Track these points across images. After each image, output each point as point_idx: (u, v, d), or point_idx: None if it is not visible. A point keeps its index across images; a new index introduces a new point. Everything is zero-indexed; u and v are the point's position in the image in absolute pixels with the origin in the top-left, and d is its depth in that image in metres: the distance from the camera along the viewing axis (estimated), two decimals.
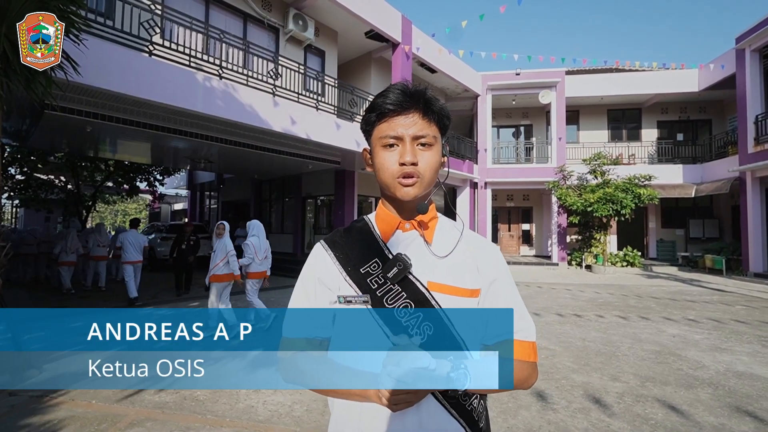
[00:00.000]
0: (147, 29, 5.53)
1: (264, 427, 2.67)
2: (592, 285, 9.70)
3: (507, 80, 14.20)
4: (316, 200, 12.44)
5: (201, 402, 3.03)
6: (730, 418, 2.81)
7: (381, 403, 0.69)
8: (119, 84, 4.98)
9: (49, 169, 12.73)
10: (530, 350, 0.81)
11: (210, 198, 18.22)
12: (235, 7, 8.13)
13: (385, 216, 0.87)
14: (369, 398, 0.71)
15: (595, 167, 12.86)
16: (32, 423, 2.64)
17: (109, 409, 2.89)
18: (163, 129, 6.49)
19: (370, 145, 0.85)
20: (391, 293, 0.79)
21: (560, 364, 3.93)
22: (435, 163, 0.81)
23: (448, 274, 0.81)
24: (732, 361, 4.05)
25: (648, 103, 15.30)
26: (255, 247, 4.99)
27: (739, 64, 11.46)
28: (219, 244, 4.94)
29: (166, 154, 9.93)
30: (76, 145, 8.60)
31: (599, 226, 12.95)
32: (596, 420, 2.80)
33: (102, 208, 29.72)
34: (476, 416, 0.80)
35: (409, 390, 0.65)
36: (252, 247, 4.97)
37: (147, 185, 15.07)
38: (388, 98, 0.80)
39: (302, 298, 0.85)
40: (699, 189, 12.91)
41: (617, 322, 5.75)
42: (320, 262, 0.85)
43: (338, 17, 9.40)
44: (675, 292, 8.47)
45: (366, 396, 0.72)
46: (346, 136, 8.31)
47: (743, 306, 6.97)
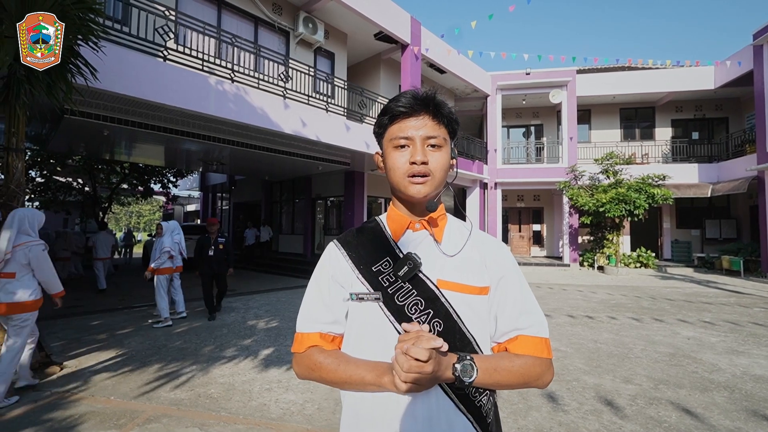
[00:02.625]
0: (161, 35, 5.67)
1: (276, 424, 2.72)
2: (605, 286, 9.57)
3: (517, 80, 14.10)
4: (326, 201, 12.53)
5: (215, 399, 3.10)
6: (747, 422, 2.76)
7: (394, 386, 0.71)
8: (135, 88, 5.11)
9: (68, 172, 13.08)
10: (542, 346, 0.81)
11: (222, 199, 18.48)
12: (246, 11, 8.26)
13: (396, 216, 0.89)
14: (383, 385, 0.74)
15: (608, 167, 12.68)
16: (54, 417, 2.73)
17: (127, 405, 2.97)
18: (177, 132, 6.63)
19: (382, 147, 0.88)
20: (401, 291, 0.81)
21: (571, 366, 3.90)
22: (445, 164, 0.83)
23: (457, 272, 0.82)
24: (749, 364, 3.97)
25: (662, 102, 15.02)
26: (171, 246, 5.57)
27: (756, 61, 11.19)
28: (158, 243, 5.57)
29: (179, 157, 10.12)
30: (93, 149, 8.83)
31: (612, 227, 12.76)
32: (608, 422, 2.77)
33: (117, 209, 30.38)
34: (485, 412, 0.80)
35: (422, 370, 0.67)
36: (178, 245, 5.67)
37: (161, 187, 15.38)
38: (400, 102, 0.83)
39: (316, 295, 0.87)
40: (715, 188, 12.62)
41: (630, 323, 5.67)
42: (334, 261, 0.88)
43: (347, 20, 9.47)
44: (690, 294, 8.30)
45: (380, 384, 0.74)
46: (355, 137, 8.36)
47: (762, 308, 6.80)
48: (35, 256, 3.08)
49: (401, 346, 0.69)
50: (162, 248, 5.45)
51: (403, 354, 0.68)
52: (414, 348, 0.67)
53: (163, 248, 5.45)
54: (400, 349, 0.69)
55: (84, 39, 3.67)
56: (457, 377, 0.73)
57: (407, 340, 0.70)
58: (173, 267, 5.59)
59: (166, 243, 5.49)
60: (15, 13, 3.03)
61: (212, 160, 10.06)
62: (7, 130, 3.57)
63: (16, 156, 3.59)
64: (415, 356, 0.67)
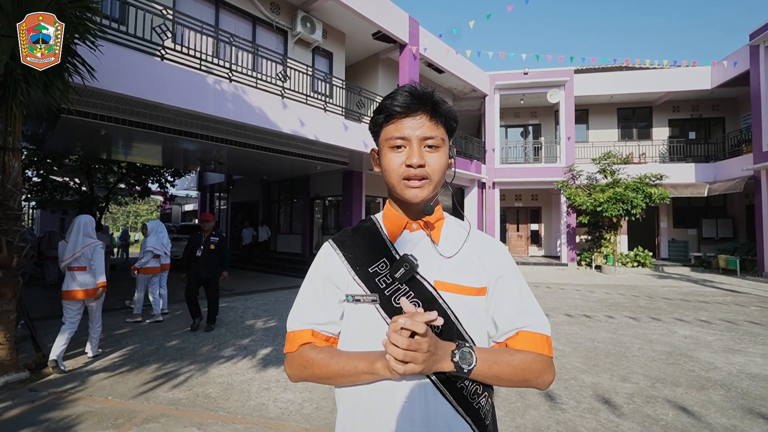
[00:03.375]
0: (159, 34, 5.65)
1: (274, 424, 2.72)
2: (602, 285, 9.61)
3: (515, 80, 14.13)
4: (324, 201, 12.52)
5: (213, 399, 3.09)
6: (743, 420, 2.78)
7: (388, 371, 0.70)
8: (133, 88, 5.09)
9: (64, 172, 13.01)
10: (543, 342, 0.79)
11: (220, 199, 18.44)
12: (244, 10, 8.24)
13: (393, 216, 0.88)
14: (376, 372, 0.73)
15: (605, 166, 12.73)
16: (52, 418, 2.72)
17: (125, 405, 2.96)
18: (175, 131, 6.61)
19: (378, 146, 0.86)
20: (399, 292, 0.79)
21: (569, 365, 3.92)
22: (442, 165, 0.81)
23: (454, 273, 0.81)
24: (745, 362, 3.99)
25: (659, 102, 15.09)
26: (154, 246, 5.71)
27: (753, 61, 11.25)
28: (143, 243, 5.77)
29: (176, 156, 10.09)
30: (90, 148, 8.79)
31: (609, 226, 12.81)
32: (605, 420, 2.79)
33: (115, 209, 30.26)
34: (483, 414, 0.79)
35: (419, 347, 0.66)
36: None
37: (158, 186, 15.32)
38: (396, 100, 0.79)
39: (310, 295, 0.86)
40: (712, 188, 12.69)
41: (627, 322, 5.69)
42: (329, 262, 0.86)
43: (346, 19, 9.46)
44: (687, 293, 8.35)
45: (373, 371, 0.73)
46: (353, 137, 8.36)
47: (758, 307, 6.84)
48: (97, 254, 3.90)
49: (395, 325, 0.67)
50: (145, 248, 5.60)
51: (397, 331, 0.66)
52: (410, 321, 0.66)
53: (146, 248, 5.60)
54: (393, 328, 0.67)
55: (81, 38, 3.65)
56: (456, 363, 0.71)
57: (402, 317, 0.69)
58: (158, 266, 5.69)
59: (149, 242, 5.63)
60: (12, 12, 3.02)
61: (210, 159, 10.03)
62: (4, 130, 3.56)
63: (13, 155, 3.57)
64: (411, 328, 0.65)
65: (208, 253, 5.06)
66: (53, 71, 3.37)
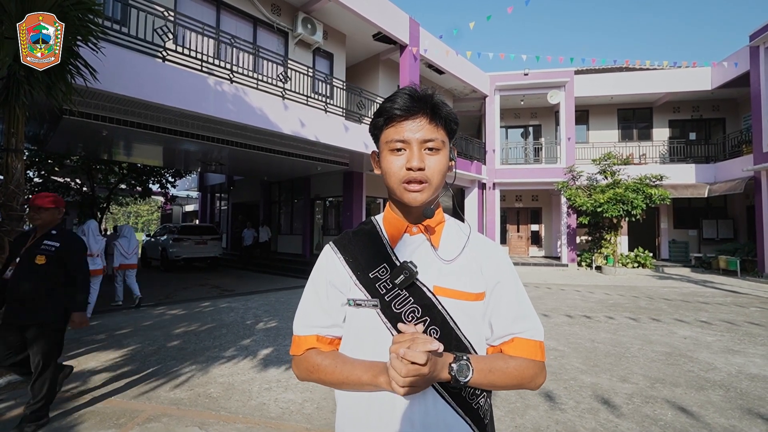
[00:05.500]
0: (160, 35, 5.68)
1: (275, 423, 2.74)
2: (602, 286, 9.61)
3: (515, 80, 14.15)
4: (325, 202, 12.54)
5: (214, 399, 3.11)
6: (741, 420, 2.79)
7: (391, 387, 0.70)
8: (134, 89, 5.11)
9: (66, 172, 13.05)
10: (537, 349, 0.81)
11: (220, 200, 18.47)
12: (245, 12, 8.26)
13: (393, 219, 0.88)
14: (379, 385, 0.74)
15: (605, 167, 12.74)
16: (54, 417, 2.74)
17: (126, 405, 2.98)
18: (176, 132, 6.64)
19: (378, 148, 0.86)
20: (398, 298, 0.80)
21: (569, 365, 3.93)
22: (443, 168, 0.81)
23: (453, 278, 0.82)
24: (745, 363, 4.00)
25: (659, 102, 15.10)
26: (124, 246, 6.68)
27: (753, 62, 11.26)
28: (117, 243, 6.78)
29: (177, 157, 10.12)
30: (92, 149, 8.82)
31: (609, 227, 12.82)
32: (604, 420, 2.80)
33: (115, 209, 30.30)
34: (482, 414, 0.81)
35: (419, 372, 0.66)
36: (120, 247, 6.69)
37: (159, 187, 15.35)
38: (396, 103, 0.79)
39: (314, 299, 0.87)
40: (712, 189, 12.69)
41: (627, 323, 5.70)
42: (331, 266, 0.87)
43: (346, 20, 9.49)
44: (687, 294, 8.35)
45: (377, 383, 0.74)
46: (354, 137, 8.38)
47: (758, 308, 6.84)
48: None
49: (396, 348, 0.68)
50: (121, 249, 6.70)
51: (399, 359, 0.67)
52: (411, 352, 0.66)
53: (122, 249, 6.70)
54: (395, 353, 0.68)
55: (83, 40, 3.68)
56: (453, 377, 0.72)
57: (402, 343, 0.69)
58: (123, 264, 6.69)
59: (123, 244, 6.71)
60: (15, 14, 3.04)
61: (211, 160, 10.06)
62: (7, 131, 3.57)
63: (16, 156, 3.59)
64: (412, 360, 0.66)
65: (29, 274, 2.54)
66: (56, 73, 3.39)
